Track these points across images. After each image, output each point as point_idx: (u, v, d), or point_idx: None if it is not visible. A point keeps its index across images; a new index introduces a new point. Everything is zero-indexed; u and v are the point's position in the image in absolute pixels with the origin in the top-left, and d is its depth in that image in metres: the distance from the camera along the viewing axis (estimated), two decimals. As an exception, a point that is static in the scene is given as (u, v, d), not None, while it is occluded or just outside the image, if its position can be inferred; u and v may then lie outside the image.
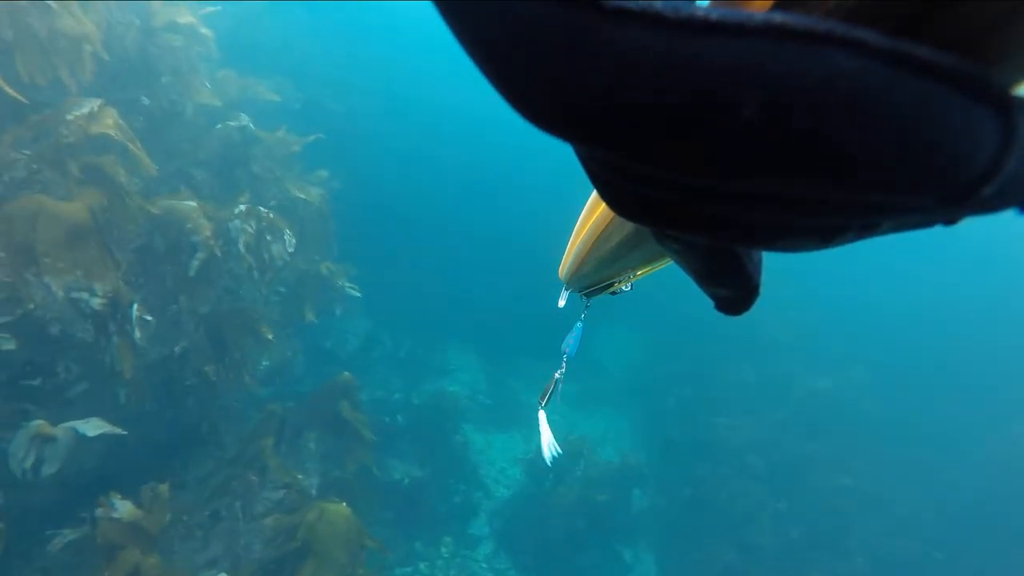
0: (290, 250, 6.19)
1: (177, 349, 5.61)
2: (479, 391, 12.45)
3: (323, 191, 8.71)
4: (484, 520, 9.76)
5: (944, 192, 0.39)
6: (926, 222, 0.46)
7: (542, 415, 1.69)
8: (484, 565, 9.10)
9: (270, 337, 6.22)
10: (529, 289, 8.55)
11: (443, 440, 10.18)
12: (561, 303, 1.63)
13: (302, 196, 7.85)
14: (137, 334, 4.72)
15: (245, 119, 7.40)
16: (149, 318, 5.09)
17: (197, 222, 5.66)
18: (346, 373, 7.56)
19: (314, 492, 6.63)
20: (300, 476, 6.53)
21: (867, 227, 0.48)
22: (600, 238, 1.12)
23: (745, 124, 0.34)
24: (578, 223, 1.21)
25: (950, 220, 0.46)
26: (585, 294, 1.55)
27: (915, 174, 0.37)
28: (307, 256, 8.29)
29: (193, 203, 5.85)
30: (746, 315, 0.84)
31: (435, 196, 15.17)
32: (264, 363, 7.65)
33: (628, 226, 1.01)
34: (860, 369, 13.02)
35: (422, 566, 8.66)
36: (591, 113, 0.37)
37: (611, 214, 1.04)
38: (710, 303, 0.92)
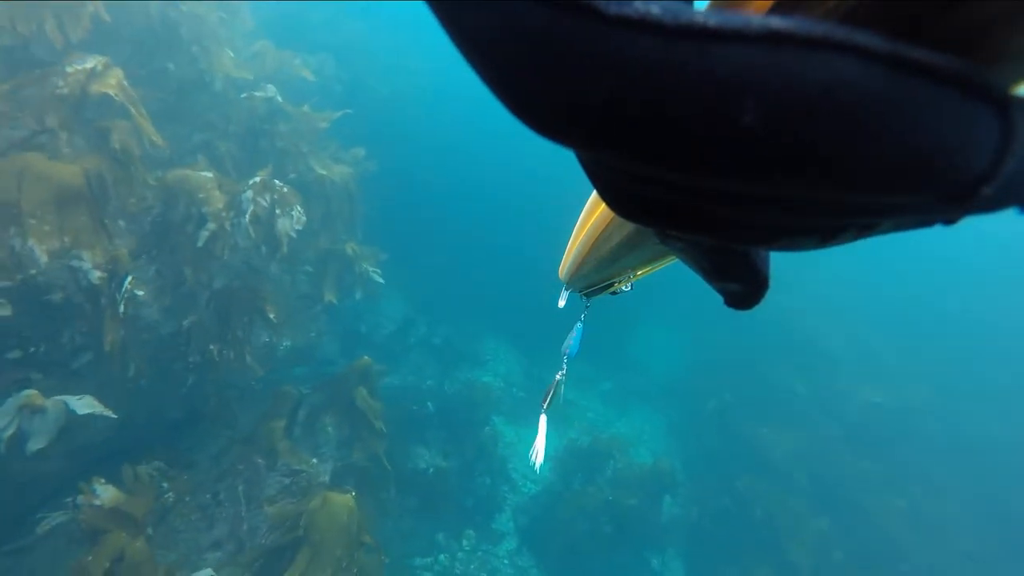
0: (297, 227, 5.95)
1: (186, 324, 5.50)
2: (513, 383, 12.25)
3: (351, 170, 8.46)
4: (509, 515, 9.56)
5: (944, 193, 0.38)
6: (926, 222, 0.47)
7: (543, 420, 1.70)
8: (506, 561, 8.91)
9: (272, 316, 6.04)
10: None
11: (472, 431, 10.00)
12: (561, 303, 1.64)
13: (324, 173, 7.63)
14: (121, 308, 4.57)
15: (272, 90, 7.21)
16: (141, 292, 4.95)
17: (210, 193, 5.47)
18: (366, 357, 7.36)
19: (327, 478, 6.47)
20: (314, 461, 6.40)
21: (867, 227, 0.49)
22: (600, 238, 1.13)
23: (745, 130, 0.34)
24: (578, 223, 1.23)
25: (950, 220, 0.45)
26: (585, 294, 1.56)
27: (915, 176, 0.36)
28: (332, 235, 8.11)
29: (209, 174, 5.66)
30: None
31: (479, 186, 15.05)
32: (285, 343, 7.55)
33: (628, 226, 1.01)
34: (922, 386, 12.21)
35: (442, 557, 8.53)
36: (591, 119, 0.36)
37: (611, 214, 1.05)
38: None
